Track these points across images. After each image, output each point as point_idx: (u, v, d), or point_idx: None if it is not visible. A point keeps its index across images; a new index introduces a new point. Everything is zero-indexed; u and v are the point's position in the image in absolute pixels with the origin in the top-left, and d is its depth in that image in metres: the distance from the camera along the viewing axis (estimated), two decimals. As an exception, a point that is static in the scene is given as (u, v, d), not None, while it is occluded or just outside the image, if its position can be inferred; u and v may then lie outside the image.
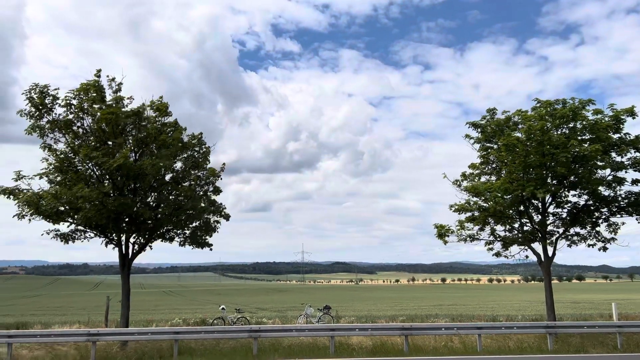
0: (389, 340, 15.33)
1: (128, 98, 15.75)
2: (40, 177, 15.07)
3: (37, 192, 14.68)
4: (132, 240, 16.30)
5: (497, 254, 17.97)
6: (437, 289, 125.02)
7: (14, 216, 14.73)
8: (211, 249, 17.12)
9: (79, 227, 15.77)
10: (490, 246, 17.85)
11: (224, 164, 17.39)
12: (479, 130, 17.77)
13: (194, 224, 16.61)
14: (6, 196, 14.71)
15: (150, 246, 16.63)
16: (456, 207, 17.55)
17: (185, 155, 16.37)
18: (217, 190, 17.12)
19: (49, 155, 15.23)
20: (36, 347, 14.70)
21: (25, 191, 14.81)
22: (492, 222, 17.31)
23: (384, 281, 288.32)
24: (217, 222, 17.23)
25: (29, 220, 14.89)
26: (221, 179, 17.15)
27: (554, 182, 16.43)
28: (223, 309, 21.68)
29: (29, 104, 14.84)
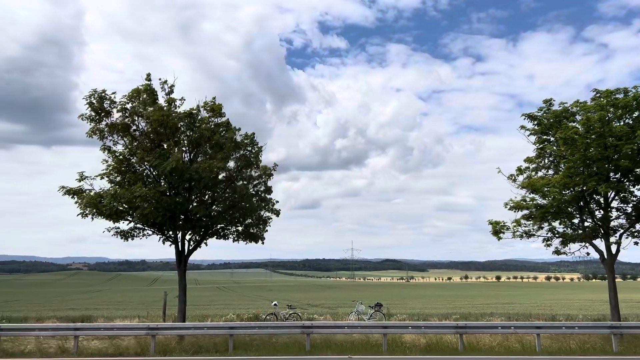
0: (443, 338, 15.06)
1: (180, 100, 16.21)
2: (102, 178, 15.76)
3: (98, 193, 15.37)
4: (187, 237, 16.81)
5: (556, 252, 17.23)
6: (492, 287, 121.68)
7: (77, 215, 15.50)
8: (263, 242, 17.38)
9: (138, 225, 16.43)
10: (548, 243, 17.14)
11: (275, 163, 17.64)
12: (535, 122, 17.07)
13: (247, 221, 16.91)
14: (70, 196, 15.49)
15: (206, 243, 17.09)
16: (512, 204, 16.86)
17: (238, 155, 16.68)
18: (269, 189, 17.36)
19: (108, 157, 15.92)
20: (100, 340, 15.41)
21: (87, 191, 15.54)
22: (550, 218, 16.60)
23: (435, 279, 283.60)
24: (269, 217, 17.50)
25: (92, 219, 15.63)
26: (272, 177, 17.39)
27: (618, 175, 15.59)
28: (275, 305, 21.97)
29: (89, 109, 15.55)
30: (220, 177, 16.44)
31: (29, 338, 15.24)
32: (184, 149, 15.50)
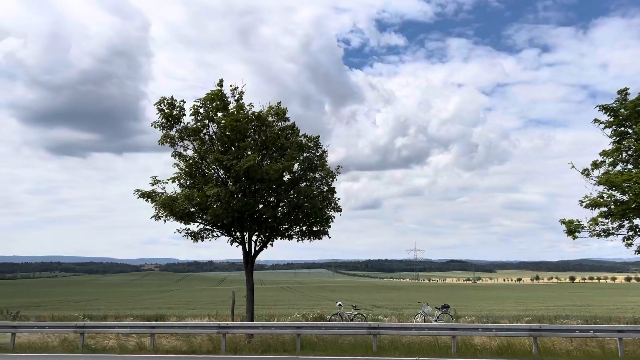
0: (515, 341, 14.49)
1: (248, 105, 16.66)
2: (173, 182, 16.51)
3: (170, 195, 16.08)
4: (254, 238, 17.24)
5: (638, 251, 16.11)
6: (565, 288, 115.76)
7: (151, 217, 16.30)
8: (329, 236, 17.49)
9: (207, 227, 17.05)
10: (629, 242, 16.03)
11: (339, 166, 17.77)
12: (611, 114, 16.03)
13: (310, 220, 17.09)
14: (145, 199, 16.30)
15: (272, 244, 17.44)
16: (587, 201, 15.85)
17: (302, 158, 16.90)
18: (332, 190, 17.46)
19: (179, 162, 16.61)
20: (174, 338, 16.08)
21: (160, 194, 16.31)
22: (632, 215, 15.52)
23: (504, 280, 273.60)
24: (331, 216, 17.59)
25: (164, 220, 16.38)
26: (336, 179, 17.49)
27: None
28: (340, 305, 22.02)
29: (160, 116, 16.29)
30: (285, 179, 16.73)
31: (110, 335, 16.15)
32: (250, 152, 15.85)
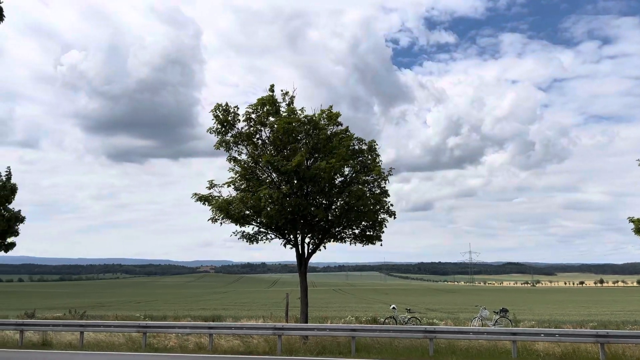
0: (580, 347, 13.84)
1: (300, 109, 16.85)
2: (229, 185, 16.92)
3: (226, 199, 16.49)
4: (307, 240, 17.37)
5: None
6: (633, 292, 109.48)
7: (208, 220, 16.78)
8: (382, 244, 17.35)
9: (262, 229, 17.35)
10: None
11: (391, 167, 17.61)
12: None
13: (363, 223, 17.03)
14: (202, 202, 16.79)
15: (324, 246, 17.51)
16: None
17: (355, 161, 16.88)
18: (384, 193, 17.34)
19: (234, 166, 17.01)
20: (231, 338, 16.43)
21: (217, 198, 16.75)
22: None
23: (565, 283, 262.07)
24: (384, 219, 17.45)
25: (221, 223, 16.81)
26: (388, 182, 17.36)
27: None
28: (394, 308, 21.78)
29: (216, 122, 16.73)
30: (337, 181, 16.77)
31: (170, 335, 16.70)
32: (304, 154, 15.98)
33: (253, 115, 16.62)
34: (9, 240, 21.79)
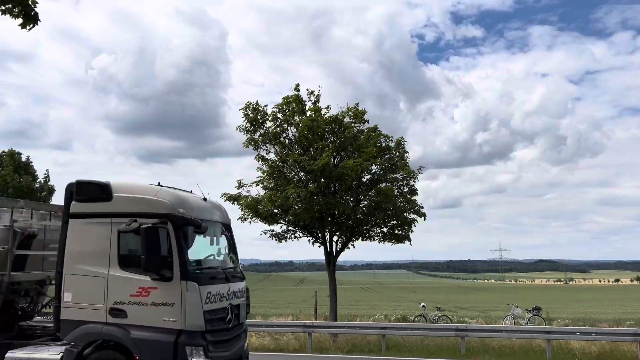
0: (619, 347, 13.46)
1: (325, 108, 16.88)
2: (257, 185, 17.04)
3: (255, 198, 16.62)
4: (335, 238, 17.36)
5: None
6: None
7: (238, 219, 16.94)
8: (411, 244, 17.22)
9: (290, 228, 17.43)
10: None
11: (421, 166, 17.53)
12: None
13: (391, 222, 16.93)
14: (231, 202, 16.96)
15: (353, 245, 17.47)
16: None
17: (382, 159, 16.80)
18: (413, 191, 17.19)
19: (262, 165, 17.13)
20: (261, 336, 16.56)
21: (245, 197, 16.90)
22: None
23: (600, 281, 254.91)
24: (414, 219, 17.30)
25: (250, 222, 16.95)
26: (418, 180, 17.21)
27: None
28: (424, 306, 21.63)
29: (245, 121, 16.86)
30: (364, 179, 16.72)
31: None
32: (330, 152, 15.98)
33: (279, 115, 16.70)
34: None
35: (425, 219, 17.25)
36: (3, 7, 4.81)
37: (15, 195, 20.56)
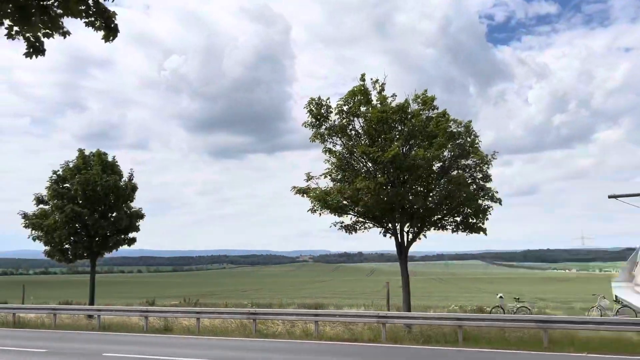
0: None
1: (391, 96, 16.63)
2: (325, 177, 17.18)
3: (324, 190, 16.76)
4: (406, 229, 17.15)
5: None
6: None
7: (307, 211, 17.17)
8: (486, 234, 16.68)
9: (359, 219, 17.42)
10: None
11: (495, 151, 16.84)
12: None
13: (465, 211, 16.47)
14: (301, 194, 17.21)
15: (424, 235, 17.18)
16: None
17: (453, 145, 16.38)
18: (487, 177, 16.62)
19: (329, 158, 17.21)
20: (335, 325, 16.75)
21: (314, 189, 17.07)
22: None
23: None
24: (489, 207, 16.74)
25: (319, 214, 17.11)
26: (492, 165, 16.60)
27: None
28: (501, 297, 20.90)
29: (310, 116, 17.01)
30: (435, 167, 16.37)
31: (277, 322, 17.40)
32: (396, 142, 15.78)
33: (345, 107, 16.66)
34: (131, 235, 23.84)
35: (501, 203, 16.64)
36: (86, 20, 5.06)
37: (103, 193, 22.04)
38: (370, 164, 16.48)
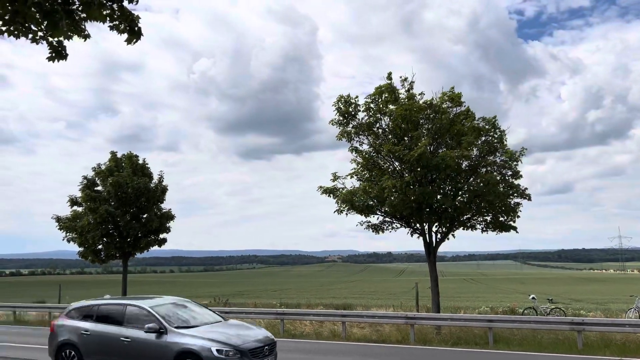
0: None
1: (419, 94, 16.46)
2: (351, 177, 17.08)
3: (350, 190, 16.67)
4: (434, 229, 16.91)
5: None
6: None
7: (334, 211, 17.09)
8: (517, 231, 16.33)
9: (386, 219, 17.26)
10: None
11: (523, 147, 16.45)
12: None
13: (495, 209, 16.15)
14: (327, 195, 17.16)
15: (453, 235, 16.91)
16: None
17: (480, 142, 16.09)
18: (516, 174, 16.26)
19: (356, 157, 17.11)
20: (363, 326, 16.65)
21: (341, 189, 17.00)
22: None
23: None
24: (518, 204, 16.37)
25: (346, 214, 17.02)
26: (521, 162, 16.23)
27: None
28: (534, 298, 20.42)
29: (337, 114, 16.95)
30: (463, 166, 16.10)
31: (304, 322, 17.40)
32: (423, 139, 15.57)
33: (372, 105, 16.54)
34: (162, 236, 24.24)
35: (529, 199, 16.25)
36: (111, 24, 5.14)
37: (134, 195, 22.49)
38: (396, 163, 16.31)
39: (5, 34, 4.61)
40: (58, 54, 5.03)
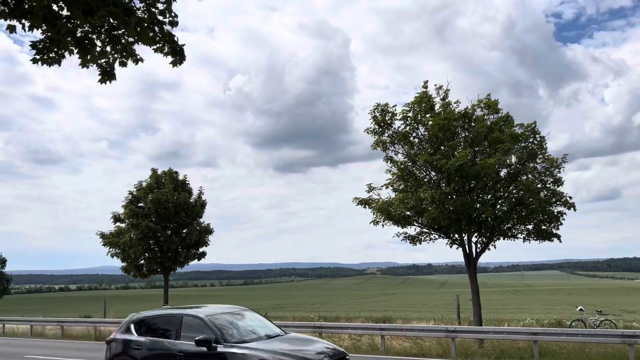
0: None
1: (455, 102, 16.25)
2: (387, 187, 16.93)
3: (386, 200, 16.53)
4: (474, 239, 16.53)
5: None
6: None
7: (370, 222, 16.96)
8: (560, 240, 15.78)
9: (424, 230, 17.00)
10: None
11: (565, 154, 15.96)
12: None
13: (537, 218, 15.67)
14: (363, 206, 17.06)
15: (494, 245, 16.49)
16: None
17: (519, 149, 15.72)
18: (558, 181, 15.75)
19: (391, 167, 16.98)
20: (402, 340, 16.36)
21: (376, 200, 16.88)
22: None
23: None
24: (561, 213, 15.83)
25: (382, 225, 16.85)
26: (563, 169, 15.74)
27: None
28: (582, 310, 19.62)
29: (373, 122, 16.89)
30: (502, 174, 15.75)
31: (343, 335, 17.25)
32: (462, 150, 15.32)
33: (409, 114, 16.43)
34: (201, 250, 24.69)
35: (574, 209, 15.68)
36: (154, 47, 5.29)
37: (174, 210, 23.02)
38: (433, 173, 16.09)
39: (39, 62, 4.78)
40: (108, 75, 5.20)
